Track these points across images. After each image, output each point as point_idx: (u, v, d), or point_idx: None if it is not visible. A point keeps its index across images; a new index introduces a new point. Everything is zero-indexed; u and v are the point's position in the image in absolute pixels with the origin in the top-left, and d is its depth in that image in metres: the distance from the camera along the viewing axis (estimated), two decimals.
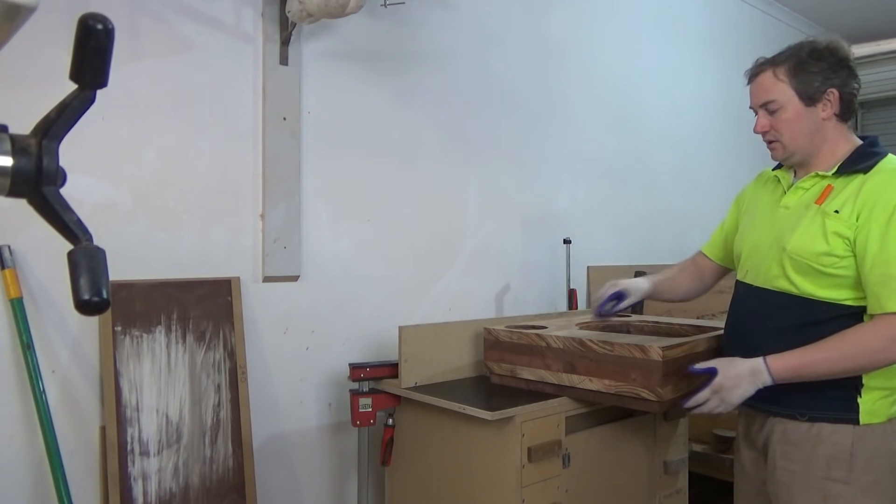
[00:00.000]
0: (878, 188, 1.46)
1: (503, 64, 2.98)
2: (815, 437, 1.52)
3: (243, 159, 2.18)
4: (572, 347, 1.92)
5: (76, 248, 0.70)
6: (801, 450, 1.55)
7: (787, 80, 1.54)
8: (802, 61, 1.52)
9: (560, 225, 3.22)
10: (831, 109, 1.53)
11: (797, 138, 1.56)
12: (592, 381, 1.88)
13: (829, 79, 1.51)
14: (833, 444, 1.50)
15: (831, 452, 1.50)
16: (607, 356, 1.84)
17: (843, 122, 1.57)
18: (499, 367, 2.12)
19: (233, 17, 2.16)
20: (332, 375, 2.39)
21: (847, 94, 1.53)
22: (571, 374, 1.93)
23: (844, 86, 1.52)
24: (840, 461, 1.50)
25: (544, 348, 1.99)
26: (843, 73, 1.52)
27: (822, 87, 1.51)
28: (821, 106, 1.53)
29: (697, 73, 4.14)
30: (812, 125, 1.54)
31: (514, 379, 2.08)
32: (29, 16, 0.71)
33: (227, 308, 2.09)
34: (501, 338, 2.11)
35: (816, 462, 1.52)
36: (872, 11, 5.05)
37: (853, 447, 1.49)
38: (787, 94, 1.54)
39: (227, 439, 2.02)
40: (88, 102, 0.71)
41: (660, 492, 2.26)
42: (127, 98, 1.93)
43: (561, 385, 1.96)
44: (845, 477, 1.49)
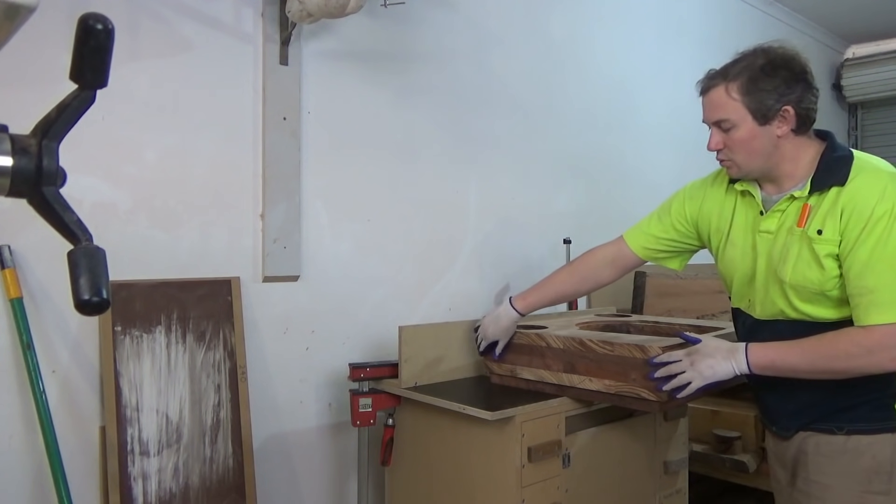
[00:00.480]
0: (853, 199, 1.40)
1: (503, 64, 2.98)
2: (852, 449, 1.47)
3: (243, 159, 2.18)
4: (572, 347, 1.92)
5: (76, 248, 0.70)
6: (836, 463, 1.49)
7: (740, 97, 1.45)
8: (755, 77, 1.44)
9: (560, 225, 3.22)
10: (787, 126, 1.45)
11: (752, 158, 1.49)
12: (592, 381, 1.88)
13: (784, 95, 1.43)
14: (872, 456, 1.45)
15: (871, 465, 1.45)
16: (607, 356, 1.83)
17: (803, 135, 1.49)
18: (499, 367, 2.12)
19: (233, 17, 2.16)
20: (332, 375, 2.39)
21: (803, 109, 1.44)
22: (571, 374, 1.92)
23: (801, 101, 1.43)
24: (881, 473, 1.44)
25: (544, 348, 1.99)
26: (798, 88, 1.43)
27: (777, 104, 1.43)
28: (776, 123, 1.45)
29: (697, 73, 4.12)
30: (767, 144, 1.47)
31: (514, 379, 2.08)
32: (29, 16, 0.71)
33: (227, 308, 2.09)
34: None
35: (855, 476, 1.46)
36: (872, 11, 5.05)
37: (893, 456, 1.44)
38: (739, 113, 1.46)
39: (227, 439, 2.02)
40: (88, 102, 0.71)
41: (660, 492, 2.26)
42: (127, 98, 1.93)
43: (561, 385, 1.96)
44: (886, 489, 1.44)
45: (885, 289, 1.35)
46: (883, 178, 1.40)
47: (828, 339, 1.42)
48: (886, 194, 1.37)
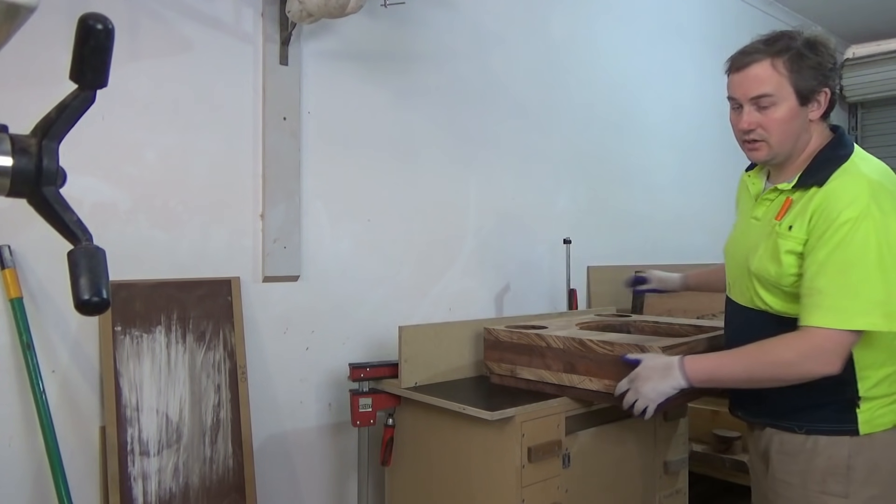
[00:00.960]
0: (825, 201, 1.38)
1: (503, 64, 2.98)
2: (810, 449, 1.47)
3: (243, 159, 2.18)
4: (572, 347, 1.92)
5: (76, 248, 0.70)
6: (796, 461, 1.50)
7: (787, 73, 1.39)
8: (801, 54, 1.39)
9: (560, 225, 3.22)
10: (819, 110, 1.43)
11: (786, 139, 1.44)
12: (592, 381, 1.88)
13: (826, 77, 1.40)
14: (829, 456, 1.45)
15: (827, 466, 1.45)
16: (607, 356, 1.84)
17: (824, 121, 1.48)
18: (499, 366, 2.12)
19: (233, 17, 2.16)
20: (332, 375, 2.39)
21: (834, 95, 1.44)
22: (571, 374, 1.93)
23: (835, 87, 1.43)
24: (837, 475, 1.44)
25: (544, 348, 1.99)
26: (834, 73, 1.42)
27: (819, 86, 1.40)
28: (812, 105, 1.42)
29: (697, 73, 4.14)
30: (800, 126, 1.43)
31: (514, 379, 2.08)
32: (29, 16, 0.71)
33: (227, 308, 2.09)
34: (501, 338, 2.11)
35: (812, 476, 1.47)
36: (872, 11, 5.05)
37: (850, 460, 1.43)
38: (785, 90, 1.40)
39: (227, 439, 2.02)
40: (88, 102, 0.71)
41: (660, 492, 2.26)
42: (127, 98, 1.93)
43: (561, 385, 1.96)
44: (843, 491, 1.43)
45: (831, 293, 1.34)
46: (860, 184, 1.36)
47: (765, 346, 1.43)
48: (856, 201, 1.33)
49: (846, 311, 1.32)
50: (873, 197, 1.34)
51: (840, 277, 1.33)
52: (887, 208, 1.34)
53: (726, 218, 1.92)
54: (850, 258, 1.32)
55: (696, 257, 3.93)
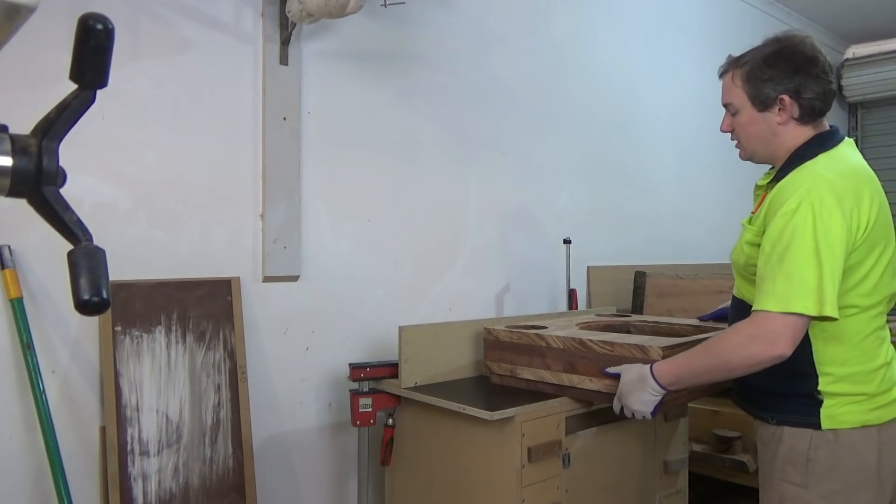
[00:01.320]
0: (777, 193, 1.47)
1: (503, 64, 2.98)
2: (777, 439, 1.54)
3: (243, 159, 2.18)
4: (572, 347, 1.92)
5: (76, 248, 0.70)
6: (766, 450, 1.58)
7: (741, 84, 1.55)
8: (756, 67, 1.53)
9: (560, 225, 3.22)
10: (787, 114, 1.52)
11: (751, 142, 1.59)
12: (592, 381, 1.88)
13: (781, 84, 1.50)
14: (791, 446, 1.51)
15: (788, 455, 1.51)
16: (607, 356, 1.84)
17: (807, 124, 1.54)
18: (499, 366, 2.12)
19: (233, 17, 2.16)
20: (332, 375, 2.39)
21: (804, 98, 1.50)
22: (571, 374, 1.93)
23: (800, 91, 1.50)
24: (796, 465, 1.50)
25: (544, 348, 1.99)
26: (798, 78, 1.50)
27: (774, 93, 1.51)
28: (775, 111, 1.52)
29: (697, 73, 4.14)
30: (766, 130, 1.55)
31: (514, 379, 2.08)
32: (29, 16, 0.71)
33: (227, 308, 2.09)
34: (501, 338, 2.11)
35: (776, 463, 1.54)
36: (872, 11, 5.05)
37: (810, 452, 1.48)
38: (740, 99, 1.56)
39: (227, 439, 2.02)
40: (88, 102, 0.71)
41: (660, 492, 2.26)
42: (127, 98, 1.93)
43: (561, 385, 1.96)
44: (802, 481, 1.49)
45: (771, 279, 1.40)
46: (806, 178, 1.43)
47: (718, 336, 1.50)
48: (797, 193, 1.40)
49: (784, 295, 1.37)
50: (815, 189, 1.40)
51: (779, 265, 1.39)
52: (828, 200, 1.39)
53: (726, 218, 1.92)
54: (787, 246, 1.39)
55: (696, 257, 3.93)
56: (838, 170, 1.46)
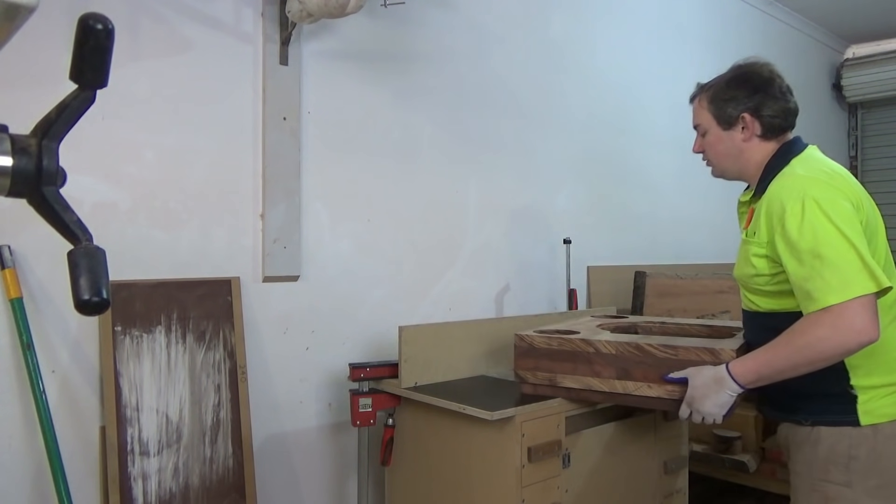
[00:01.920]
0: (769, 205, 1.52)
1: (503, 64, 2.98)
2: (814, 440, 1.54)
3: (243, 159, 2.18)
4: (627, 353, 1.79)
5: (76, 248, 0.70)
6: (801, 451, 1.57)
7: (707, 106, 1.68)
8: (719, 90, 1.66)
9: (560, 225, 3.22)
10: (750, 132, 1.63)
11: (720, 159, 1.71)
12: (652, 387, 1.75)
13: (741, 104, 1.62)
14: (830, 446, 1.51)
15: (829, 455, 1.52)
16: (670, 361, 1.71)
17: (770, 140, 1.63)
18: (534, 375, 1.94)
19: (233, 17, 2.16)
20: (332, 375, 2.39)
21: (764, 116, 1.61)
22: (626, 380, 1.79)
23: (759, 109, 1.61)
24: (838, 464, 1.50)
25: (592, 354, 1.84)
26: (757, 97, 1.61)
27: (736, 112, 1.63)
28: (738, 129, 1.64)
29: (697, 72, 4.12)
30: (732, 147, 1.66)
31: (554, 388, 1.92)
32: (29, 16, 0.71)
33: (227, 308, 2.09)
34: (537, 344, 1.94)
35: (815, 464, 1.54)
36: (872, 11, 5.05)
37: (851, 450, 1.49)
38: (707, 120, 1.69)
39: (227, 439, 2.02)
40: (88, 102, 0.71)
41: (660, 492, 2.26)
42: (127, 98, 1.93)
43: (613, 393, 1.82)
44: (845, 480, 1.50)
45: (815, 277, 1.41)
46: (793, 180, 1.51)
47: (794, 332, 1.47)
48: (793, 194, 1.47)
49: (841, 284, 1.38)
50: (806, 185, 1.48)
51: (817, 261, 1.41)
52: (824, 189, 1.46)
53: (725, 218, 1.93)
54: (814, 243, 1.41)
55: (696, 257, 3.93)
56: (814, 167, 1.55)
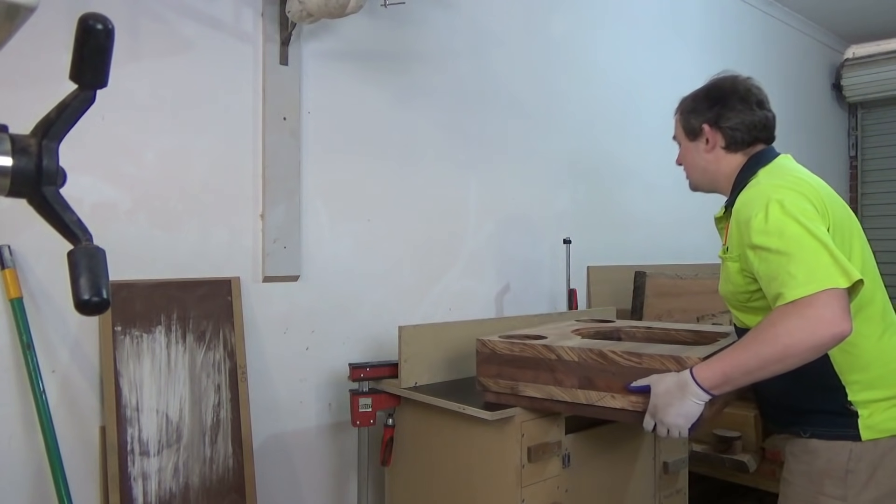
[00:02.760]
0: (736, 217, 1.51)
1: (503, 64, 2.98)
2: (812, 451, 1.51)
3: (243, 159, 2.18)
4: (590, 360, 1.68)
5: (76, 248, 0.70)
6: (800, 462, 1.53)
7: (679, 118, 1.73)
8: (687, 103, 1.70)
9: (560, 225, 3.22)
10: (713, 143, 1.64)
11: (691, 170, 1.74)
12: (616, 397, 1.63)
13: (701, 114, 1.65)
14: (828, 459, 1.48)
15: (825, 468, 1.48)
16: (634, 369, 1.60)
17: (736, 153, 1.62)
18: (496, 383, 1.83)
19: (233, 18, 2.16)
20: (332, 375, 2.39)
21: (723, 127, 1.61)
22: (589, 390, 1.68)
23: (718, 120, 1.61)
24: (834, 478, 1.47)
25: (554, 361, 1.73)
26: (716, 109, 1.62)
27: (697, 123, 1.66)
28: (702, 139, 1.65)
29: (697, 73, 4.13)
30: (699, 158, 1.68)
31: (516, 397, 1.81)
32: (29, 16, 0.71)
33: (227, 308, 2.09)
34: (499, 350, 1.82)
35: (812, 476, 1.50)
36: (872, 11, 5.05)
37: (849, 464, 1.45)
38: (679, 131, 1.73)
39: (227, 439, 2.02)
40: (88, 102, 0.71)
41: (660, 492, 2.26)
42: (127, 98, 1.93)
43: (576, 403, 1.71)
44: (841, 494, 1.46)
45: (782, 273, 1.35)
46: (757, 190, 1.49)
47: (762, 325, 1.38)
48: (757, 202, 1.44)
49: (808, 277, 1.31)
50: (771, 192, 1.45)
51: (784, 258, 1.35)
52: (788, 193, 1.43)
53: None
54: (780, 241, 1.37)
55: (695, 257, 3.93)
56: (779, 175, 1.53)
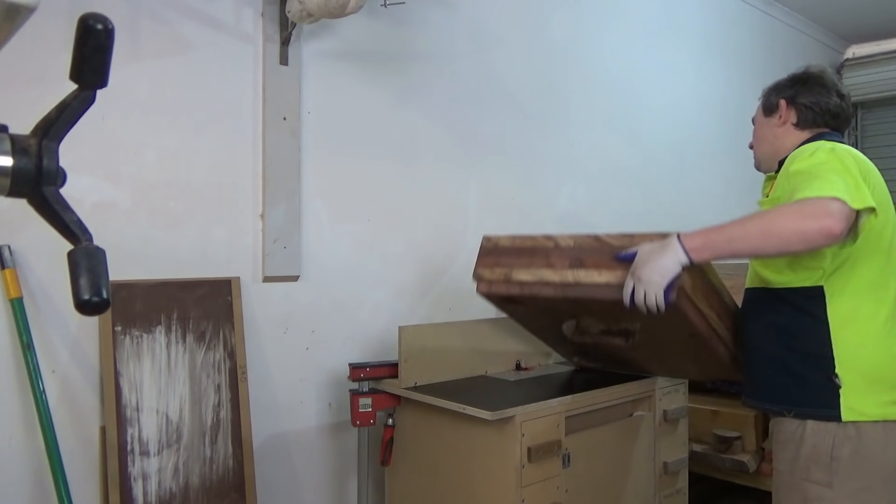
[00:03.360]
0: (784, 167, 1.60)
1: (503, 64, 2.98)
2: (798, 438, 1.54)
3: (243, 159, 2.18)
4: (585, 244, 1.74)
5: (76, 248, 0.70)
6: (786, 450, 1.58)
7: (762, 97, 1.82)
8: (773, 84, 1.80)
9: (560, 225, 3.21)
10: (786, 118, 1.72)
11: (759, 144, 1.81)
12: (602, 272, 1.66)
13: (780, 92, 1.75)
14: (814, 445, 1.52)
15: (812, 454, 1.52)
16: (625, 248, 1.65)
17: (804, 130, 1.70)
18: (491, 272, 1.89)
19: (233, 17, 2.16)
20: (332, 375, 2.39)
21: (799, 104, 1.70)
22: (578, 269, 1.72)
23: (795, 97, 1.71)
24: (820, 464, 1.50)
25: (551, 248, 1.81)
26: (796, 87, 1.72)
27: (775, 99, 1.75)
28: (776, 115, 1.74)
29: (697, 72, 4.14)
30: (769, 132, 1.76)
31: (507, 284, 1.84)
32: (29, 16, 0.71)
33: (227, 308, 2.09)
34: (502, 244, 1.93)
35: (798, 463, 1.54)
36: (872, 11, 5.05)
37: (834, 450, 1.49)
38: (758, 110, 1.83)
39: (227, 439, 2.02)
40: (88, 102, 0.71)
41: (660, 492, 2.26)
42: (127, 98, 1.93)
43: (564, 283, 1.73)
44: (826, 480, 1.50)
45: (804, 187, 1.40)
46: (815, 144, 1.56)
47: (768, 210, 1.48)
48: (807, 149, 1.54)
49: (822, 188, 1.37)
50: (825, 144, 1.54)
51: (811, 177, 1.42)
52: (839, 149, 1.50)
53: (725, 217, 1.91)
54: (811, 170, 1.44)
55: None
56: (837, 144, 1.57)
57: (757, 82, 2.03)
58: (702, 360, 1.95)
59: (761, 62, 4.66)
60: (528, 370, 2.44)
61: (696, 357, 1.95)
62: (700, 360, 1.95)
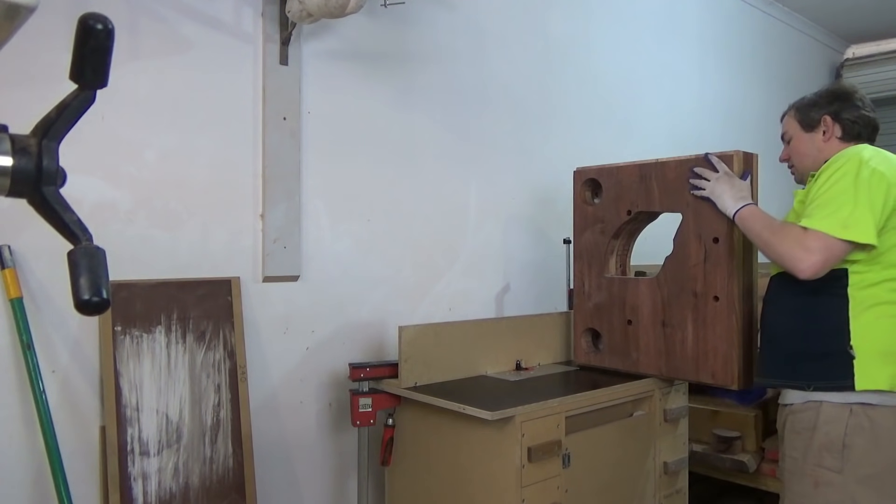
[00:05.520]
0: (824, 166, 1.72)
1: (503, 64, 2.98)
2: (812, 427, 1.63)
3: (243, 159, 2.18)
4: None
5: (76, 248, 0.70)
6: (800, 438, 1.66)
7: (794, 115, 1.92)
8: (805, 101, 1.90)
9: (560, 225, 3.21)
10: (831, 133, 1.83)
11: (801, 159, 1.89)
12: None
13: (823, 108, 1.85)
14: (826, 433, 1.61)
15: (824, 441, 1.61)
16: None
17: (848, 143, 1.81)
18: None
19: (233, 17, 2.16)
20: (332, 375, 2.39)
21: (844, 119, 1.82)
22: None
23: (839, 112, 1.83)
24: (832, 451, 1.59)
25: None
26: (837, 104, 1.84)
27: (817, 115, 1.85)
28: (819, 130, 1.85)
29: (697, 72, 4.14)
30: (812, 147, 1.86)
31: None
32: (29, 16, 0.71)
33: (227, 308, 2.09)
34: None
35: (812, 450, 1.63)
36: (872, 11, 5.05)
37: (846, 439, 1.58)
38: (793, 126, 1.92)
39: (227, 439, 2.02)
40: (88, 102, 0.71)
41: (660, 492, 2.26)
42: (127, 98, 1.93)
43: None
44: (838, 466, 1.59)
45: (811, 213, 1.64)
46: (846, 155, 1.69)
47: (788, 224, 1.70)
48: (841, 157, 1.68)
49: (815, 217, 1.61)
50: (858, 152, 1.67)
51: (820, 206, 1.63)
52: (872, 158, 1.65)
53: None
54: (830, 187, 1.64)
55: None
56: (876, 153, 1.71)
57: (757, 82, 2.04)
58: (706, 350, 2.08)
59: (761, 62, 4.66)
60: (528, 370, 2.44)
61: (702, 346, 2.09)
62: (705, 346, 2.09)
